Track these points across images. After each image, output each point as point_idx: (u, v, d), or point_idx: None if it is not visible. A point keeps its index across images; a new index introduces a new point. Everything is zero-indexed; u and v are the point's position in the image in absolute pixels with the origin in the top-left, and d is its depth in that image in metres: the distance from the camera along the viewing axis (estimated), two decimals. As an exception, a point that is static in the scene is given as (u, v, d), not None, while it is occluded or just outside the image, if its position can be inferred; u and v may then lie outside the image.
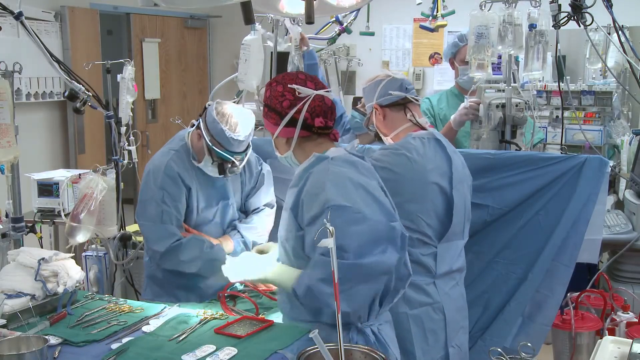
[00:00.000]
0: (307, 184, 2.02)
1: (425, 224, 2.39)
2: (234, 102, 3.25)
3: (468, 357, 2.60)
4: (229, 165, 2.65)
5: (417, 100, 2.56)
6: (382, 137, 2.62)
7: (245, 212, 2.93)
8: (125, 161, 3.29)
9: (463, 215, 2.49)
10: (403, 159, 2.38)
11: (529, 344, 2.23)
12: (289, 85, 2.04)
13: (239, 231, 2.83)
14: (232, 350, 1.94)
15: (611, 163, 2.94)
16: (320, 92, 2.06)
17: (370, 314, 2.03)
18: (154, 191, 2.64)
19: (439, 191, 2.42)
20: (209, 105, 2.65)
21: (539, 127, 3.90)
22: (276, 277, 2.09)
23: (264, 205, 2.93)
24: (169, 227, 2.64)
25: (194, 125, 2.71)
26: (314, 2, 2.33)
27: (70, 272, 2.34)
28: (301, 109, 2.02)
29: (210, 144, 2.59)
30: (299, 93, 2.02)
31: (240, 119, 2.62)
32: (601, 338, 1.97)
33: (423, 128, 2.52)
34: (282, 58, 3.60)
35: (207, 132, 2.60)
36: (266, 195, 2.94)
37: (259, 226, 2.88)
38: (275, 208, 2.95)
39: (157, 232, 2.63)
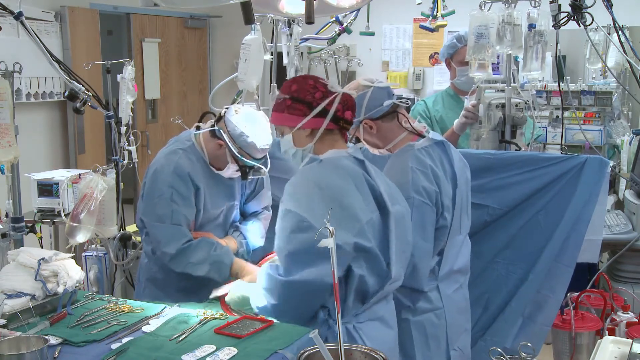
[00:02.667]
0: (288, 183, 2.13)
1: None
2: (237, 102, 3.25)
3: (470, 359, 2.60)
4: (253, 170, 2.67)
5: (405, 102, 2.48)
6: (373, 149, 2.54)
7: (243, 214, 2.93)
8: (125, 161, 3.29)
9: (459, 210, 2.48)
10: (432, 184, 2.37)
11: (529, 344, 2.23)
12: (320, 80, 2.14)
13: (241, 232, 2.82)
14: (232, 350, 1.94)
15: (611, 163, 2.95)
16: (347, 90, 2.19)
17: (344, 312, 2.06)
18: (163, 190, 2.60)
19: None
20: (225, 113, 2.63)
21: (539, 127, 3.91)
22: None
23: (263, 209, 2.94)
24: (180, 228, 2.60)
25: (199, 127, 2.69)
26: (314, 2, 2.33)
27: (70, 272, 2.34)
28: (333, 100, 2.10)
29: (239, 155, 2.60)
30: (331, 87, 2.13)
31: (263, 126, 2.63)
32: (601, 338, 1.96)
33: (419, 133, 2.46)
34: (282, 58, 3.61)
35: (234, 144, 2.59)
36: (266, 198, 2.94)
37: (261, 228, 2.89)
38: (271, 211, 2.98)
39: (168, 234, 2.59)
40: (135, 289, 2.90)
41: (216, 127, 2.63)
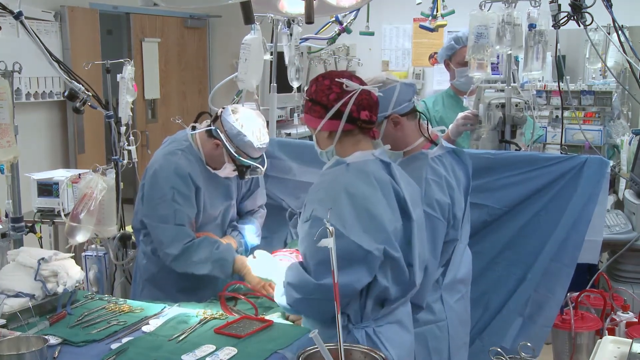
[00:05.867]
0: (314, 186, 2.07)
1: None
2: (237, 102, 3.27)
3: None
4: (250, 169, 2.68)
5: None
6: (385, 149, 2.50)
7: (239, 213, 2.94)
8: (125, 161, 3.29)
9: (465, 220, 2.46)
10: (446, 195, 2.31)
11: (529, 344, 2.22)
12: (336, 79, 2.05)
13: (239, 232, 2.83)
14: (232, 350, 1.94)
15: (611, 163, 2.94)
16: (367, 87, 2.06)
17: (364, 317, 2.04)
18: (164, 191, 2.60)
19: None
20: (222, 113, 2.64)
21: (539, 126, 3.90)
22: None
23: (258, 207, 2.97)
24: (183, 228, 2.60)
25: (194, 128, 2.70)
26: (314, 2, 2.33)
27: (70, 272, 2.34)
28: (347, 101, 2.02)
29: (236, 155, 2.61)
30: (347, 87, 2.03)
31: (260, 126, 2.64)
32: (601, 338, 1.97)
33: (432, 140, 2.39)
34: (282, 58, 3.61)
35: (231, 143, 2.60)
36: (261, 197, 2.98)
37: (257, 227, 2.91)
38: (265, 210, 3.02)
39: (172, 234, 2.59)
40: (132, 290, 2.90)
41: (213, 127, 2.64)
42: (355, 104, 2.02)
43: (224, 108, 2.67)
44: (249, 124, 2.61)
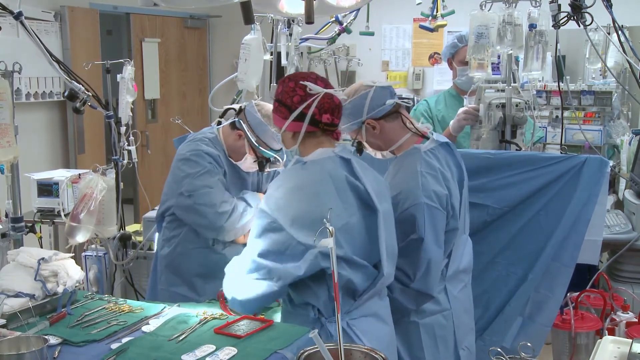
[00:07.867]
0: (272, 182, 2.18)
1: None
2: (237, 102, 3.30)
3: (475, 357, 2.59)
4: (269, 162, 2.81)
5: (406, 102, 2.50)
6: (375, 152, 2.51)
7: None
8: (125, 161, 3.29)
9: (464, 210, 2.48)
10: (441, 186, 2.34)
11: (529, 344, 2.22)
12: (300, 82, 2.12)
13: None
14: (231, 350, 1.94)
15: (611, 163, 2.94)
16: (330, 90, 2.14)
17: (335, 310, 2.05)
18: (203, 164, 2.70)
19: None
20: (246, 106, 2.77)
21: (539, 127, 3.90)
22: None
23: None
24: (226, 192, 2.72)
25: (220, 123, 2.82)
26: (314, 2, 2.33)
27: (70, 272, 2.34)
28: (310, 104, 2.10)
29: (257, 145, 2.73)
30: (310, 90, 2.10)
31: None
32: (601, 338, 1.97)
33: (423, 134, 2.43)
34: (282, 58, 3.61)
35: (252, 133, 2.73)
36: None
37: None
38: None
39: (220, 194, 2.69)
40: (151, 280, 2.97)
41: (236, 119, 2.76)
42: (318, 107, 2.10)
43: (248, 102, 2.80)
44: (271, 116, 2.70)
